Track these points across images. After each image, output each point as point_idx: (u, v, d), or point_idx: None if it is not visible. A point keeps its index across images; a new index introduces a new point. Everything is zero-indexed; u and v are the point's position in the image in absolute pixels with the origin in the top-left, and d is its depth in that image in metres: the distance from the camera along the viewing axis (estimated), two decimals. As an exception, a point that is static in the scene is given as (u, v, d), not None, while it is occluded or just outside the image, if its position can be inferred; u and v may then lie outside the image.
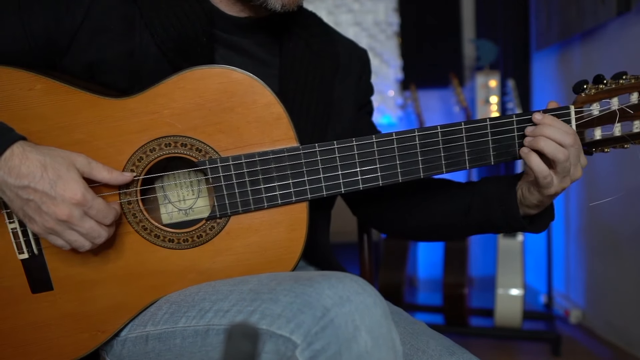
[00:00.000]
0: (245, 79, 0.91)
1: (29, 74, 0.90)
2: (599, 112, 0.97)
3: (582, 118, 0.97)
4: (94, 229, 0.87)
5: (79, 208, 0.85)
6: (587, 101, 0.97)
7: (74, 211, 0.85)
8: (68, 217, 0.85)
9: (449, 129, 0.96)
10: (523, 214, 1.03)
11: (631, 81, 0.95)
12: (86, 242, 0.88)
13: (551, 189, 0.95)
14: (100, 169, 0.89)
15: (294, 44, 1.08)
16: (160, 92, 0.91)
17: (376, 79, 3.46)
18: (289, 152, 0.93)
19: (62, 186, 0.84)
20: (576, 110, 0.97)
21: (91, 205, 0.86)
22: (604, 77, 0.97)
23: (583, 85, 0.98)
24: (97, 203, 0.86)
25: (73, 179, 0.85)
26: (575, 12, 2.73)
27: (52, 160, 0.85)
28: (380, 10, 3.48)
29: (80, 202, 0.85)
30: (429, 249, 3.59)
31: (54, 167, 0.85)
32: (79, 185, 0.85)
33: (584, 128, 0.98)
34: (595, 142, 0.98)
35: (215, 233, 0.95)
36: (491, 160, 0.98)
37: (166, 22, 0.96)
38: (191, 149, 0.92)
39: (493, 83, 3.13)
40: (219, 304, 0.86)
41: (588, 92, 0.97)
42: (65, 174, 0.85)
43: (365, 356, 0.74)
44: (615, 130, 0.97)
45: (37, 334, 0.94)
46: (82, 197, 0.85)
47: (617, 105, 0.95)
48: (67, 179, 0.85)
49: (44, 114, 0.90)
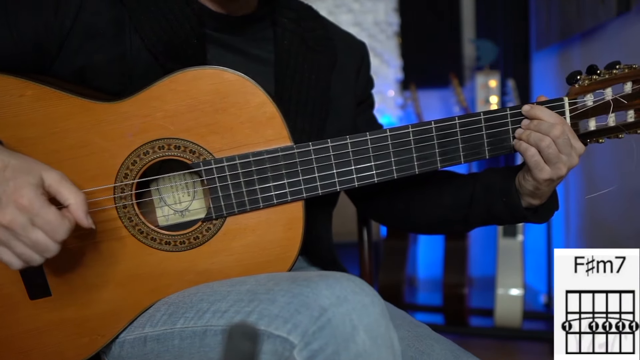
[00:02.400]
0: (237, 79, 0.91)
1: (19, 80, 0.89)
2: (593, 102, 0.96)
3: (576, 109, 0.97)
4: (40, 242, 0.78)
5: (23, 214, 0.77)
6: (581, 92, 0.97)
7: (18, 217, 0.77)
8: (9, 223, 0.77)
9: (442, 124, 0.96)
10: (526, 205, 1.02)
11: (625, 70, 0.95)
12: (35, 254, 0.79)
13: (544, 173, 0.95)
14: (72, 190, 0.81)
15: (289, 40, 1.06)
16: (153, 94, 0.91)
17: (376, 79, 3.42)
18: (283, 151, 0.93)
19: (12, 187, 0.77)
20: (570, 101, 0.97)
21: (37, 214, 0.77)
22: (597, 67, 0.96)
23: (576, 75, 0.98)
24: (46, 212, 0.78)
25: (28, 183, 0.78)
26: (575, 12, 2.72)
27: (17, 163, 0.80)
28: (380, 10, 3.48)
29: (26, 207, 0.77)
30: (429, 249, 3.58)
31: (16, 169, 0.79)
32: (29, 189, 0.78)
33: (578, 119, 0.98)
34: (589, 132, 0.98)
35: (212, 234, 0.95)
36: (486, 154, 0.98)
37: (156, 25, 0.96)
38: (185, 151, 0.92)
39: (493, 83, 3.13)
40: (216, 304, 0.86)
41: (581, 83, 0.97)
42: (22, 178, 0.78)
43: (363, 356, 0.74)
44: (610, 120, 0.96)
45: (37, 339, 0.94)
46: (28, 201, 0.77)
47: (610, 95, 0.95)
48: (19, 182, 0.78)
49: (36, 120, 0.90)
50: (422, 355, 0.94)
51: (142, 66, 0.96)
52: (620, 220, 2.51)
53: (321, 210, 1.12)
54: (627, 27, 2.36)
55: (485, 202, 1.05)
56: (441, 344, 0.97)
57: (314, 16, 1.14)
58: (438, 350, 0.95)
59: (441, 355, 0.94)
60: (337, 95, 1.11)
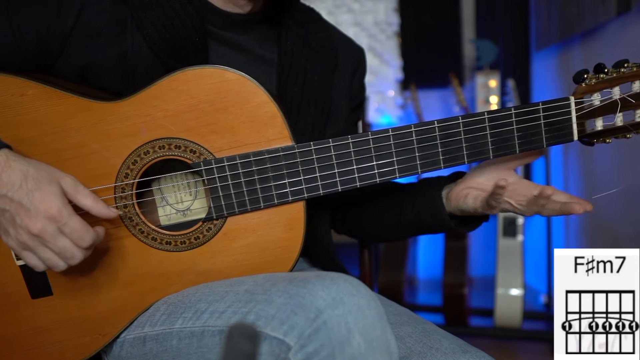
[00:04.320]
0: (238, 78, 0.91)
1: (21, 79, 0.90)
2: (600, 102, 0.94)
3: (583, 109, 0.95)
4: (67, 249, 0.82)
5: (53, 223, 0.81)
6: (588, 91, 0.95)
7: (48, 226, 0.81)
8: (40, 232, 0.80)
9: (446, 123, 0.95)
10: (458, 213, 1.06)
11: (633, 69, 0.93)
12: (60, 261, 0.84)
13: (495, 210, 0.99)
14: (86, 194, 0.85)
15: (292, 41, 1.06)
16: (153, 94, 0.91)
17: (376, 79, 3.46)
18: (284, 151, 0.93)
19: (39, 198, 0.80)
20: (576, 100, 0.95)
21: (66, 223, 0.81)
22: (604, 66, 0.94)
23: (583, 74, 0.95)
24: (74, 222, 0.82)
25: (52, 193, 0.81)
26: (575, 12, 2.72)
27: (35, 172, 0.82)
28: (380, 10, 3.48)
29: (55, 216, 0.81)
30: (429, 249, 3.59)
31: (36, 178, 0.82)
32: (56, 199, 0.81)
33: (585, 119, 0.96)
34: (596, 132, 0.96)
35: (213, 234, 0.94)
36: (490, 155, 0.97)
37: (157, 23, 0.95)
38: (185, 150, 0.92)
39: (493, 83, 3.13)
40: (214, 305, 0.86)
41: (588, 82, 0.95)
42: (46, 187, 0.81)
43: (358, 359, 0.73)
44: (617, 120, 0.94)
45: (38, 338, 0.94)
46: (58, 211, 0.80)
47: (618, 94, 0.93)
48: (45, 192, 0.81)
49: (37, 119, 0.90)
50: (430, 350, 0.93)
51: (144, 65, 0.96)
52: (620, 220, 2.51)
53: (322, 210, 1.12)
54: (627, 27, 2.35)
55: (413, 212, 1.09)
56: (449, 339, 0.97)
57: (316, 19, 1.14)
58: (447, 345, 0.94)
59: (450, 349, 0.93)
60: (336, 98, 1.12)
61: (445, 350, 0.93)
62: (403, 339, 0.96)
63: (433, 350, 0.94)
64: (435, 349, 0.94)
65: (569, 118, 0.95)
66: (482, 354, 0.95)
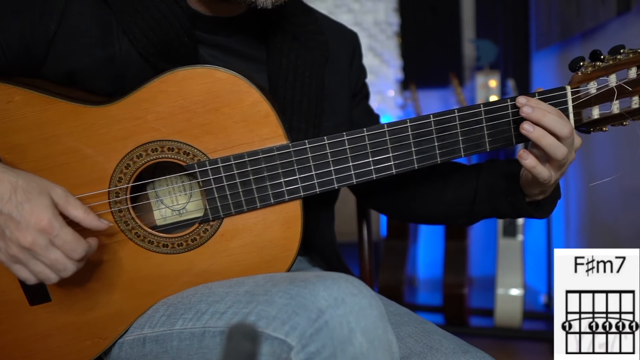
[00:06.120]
0: (229, 77, 0.90)
1: (6, 86, 0.88)
2: (596, 90, 0.93)
3: (579, 98, 0.94)
4: (59, 261, 0.81)
5: (44, 236, 0.79)
6: (584, 80, 0.94)
7: (38, 239, 0.79)
8: (31, 245, 0.79)
9: (441, 117, 0.94)
10: (531, 200, 1.01)
11: (629, 55, 0.92)
12: (52, 274, 0.82)
13: (552, 181, 0.94)
14: (77, 206, 0.83)
15: (281, 38, 1.05)
16: (143, 96, 0.89)
17: (376, 79, 3.45)
18: (278, 150, 0.92)
19: (29, 210, 0.79)
20: (573, 90, 0.94)
21: (57, 235, 0.80)
22: (601, 53, 0.94)
23: (579, 62, 0.94)
24: (65, 233, 0.80)
25: (42, 204, 0.80)
26: (575, 12, 2.72)
27: (25, 183, 0.81)
28: (380, 10, 3.48)
29: (46, 229, 0.79)
30: (429, 248, 3.58)
31: (26, 190, 0.80)
32: (47, 210, 0.80)
33: (581, 108, 0.95)
34: (593, 121, 0.95)
35: (210, 235, 0.94)
36: (487, 147, 0.96)
37: (144, 27, 0.94)
38: (179, 152, 0.91)
39: (493, 83, 3.13)
40: (215, 306, 0.86)
41: (584, 71, 0.94)
42: (36, 199, 0.80)
43: (360, 358, 0.73)
44: (614, 107, 0.93)
45: (39, 344, 0.94)
46: (48, 223, 0.79)
47: (614, 82, 0.92)
48: (35, 204, 0.79)
49: (26, 126, 0.89)
50: (430, 350, 0.93)
51: (133, 67, 0.94)
52: (620, 220, 2.51)
53: (323, 208, 1.12)
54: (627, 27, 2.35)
55: (489, 201, 1.05)
56: (449, 339, 0.97)
57: (305, 11, 1.12)
58: (447, 345, 0.94)
59: (450, 350, 0.93)
60: (332, 90, 1.10)
61: (445, 350, 0.93)
62: (403, 339, 0.95)
63: (433, 350, 0.93)
64: (435, 349, 0.94)
65: (565, 108, 0.94)
66: (482, 354, 0.94)
